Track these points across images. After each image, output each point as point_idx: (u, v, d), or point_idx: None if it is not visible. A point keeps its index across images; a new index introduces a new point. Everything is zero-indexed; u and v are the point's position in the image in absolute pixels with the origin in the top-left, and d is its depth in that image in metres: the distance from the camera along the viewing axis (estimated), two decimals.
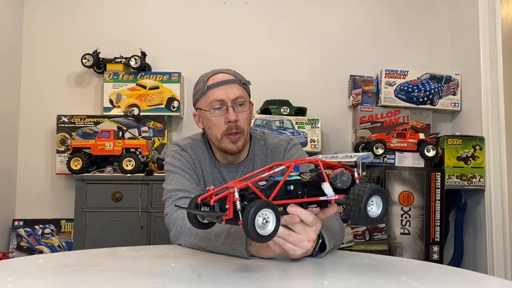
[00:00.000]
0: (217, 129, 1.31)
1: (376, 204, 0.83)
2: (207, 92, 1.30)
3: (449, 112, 2.84)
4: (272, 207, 0.76)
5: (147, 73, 2.76)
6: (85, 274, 0.85)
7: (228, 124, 1.29)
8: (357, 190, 0.82)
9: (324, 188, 0.85)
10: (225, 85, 1.29)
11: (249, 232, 0.73)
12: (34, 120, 2.83)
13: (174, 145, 1.41)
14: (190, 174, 1.34)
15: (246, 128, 1.33)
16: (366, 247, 2.39)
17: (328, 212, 0.91)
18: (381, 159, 2.57)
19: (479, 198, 2.56)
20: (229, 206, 0.77)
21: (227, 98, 1.28)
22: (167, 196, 1.30)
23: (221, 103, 1.28)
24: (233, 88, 1.29)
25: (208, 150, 1.41)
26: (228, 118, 1.28)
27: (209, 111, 1.30)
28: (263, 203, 0.75)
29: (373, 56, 2.91)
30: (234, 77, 1.31)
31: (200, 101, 1.33)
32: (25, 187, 2.81)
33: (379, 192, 0.83)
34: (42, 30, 2.89)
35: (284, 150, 1.40)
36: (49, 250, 2.68)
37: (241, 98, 1.30)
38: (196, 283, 0.80)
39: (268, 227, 0.76)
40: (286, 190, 0.85)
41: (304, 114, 2.70)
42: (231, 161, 1.39)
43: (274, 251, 0.96)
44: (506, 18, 2.49)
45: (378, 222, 0.84)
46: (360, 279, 0.85)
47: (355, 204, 0.81)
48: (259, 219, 0.75)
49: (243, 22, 2.94)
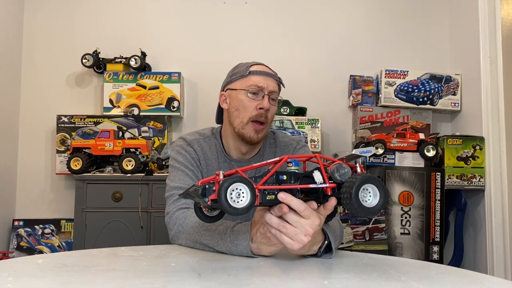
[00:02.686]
0: (246, 112, 1.32)
1: (373, 194, 0.84)
2: (248, 76, 1.33)
3: (449, 112, 2.84)
4: (246, 182, 0.79)
5: (147, 73, 2.76)
6: (85, 274, 0.85)
7: (259, 110, 1.31)
8: (350, 179, 0.83)
9: (315, 176, 0.87)
10: (267, 76, 1.34)
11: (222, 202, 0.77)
12: (34, 120, 2.83)
13: (181, 139, 1.41)
14: (194, 171, 1.34)
15: (270, 121, 1.36)
16: (366, 247, 2.39)
17: (328, 205, 0.90)
18: (381, 159, 2.57)
19: (479, 198, 2.56)
20: (216, 187, 0.80)
21: (266, 87, 1.32)
22: (169, 194, 1.30)
23: (259, 89, 1.32)
24: (272, 82, 1.34)
25: (218, 145, 1.40)
26: (261, 104, 1.31)
27: (246, 91, 1.31)
28: (236, 178, 0.79)
29: (373, 56, 2.91)
30: (274, 73, 1.37)
31: (237, 82, 1.35)
32: (25, 187, 2.81)
33: (372, 180, 0.83)
34: (42, 30, 2.89)
35: (293, 149, 1.41)
36: (49, 250, 2.68)
37: (276, 93, 1.35)
38: (196, 283, 0.80)
39: (243, 200, 0.79)
40: (278, 180, 0.86)
41: (304, 114, 2.70)
42: (243, 155, 1.39)
43: (274, 246, 0.97)
44: (506, 18, 2.49)
45: (377, 212, 0.84)
46: (360, 279, 0.85)
47: (346, 191, 0.82)
48: (232, 193, 0.78)
49: (243, 22, 2.94)
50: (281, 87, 1.41)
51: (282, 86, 1.41)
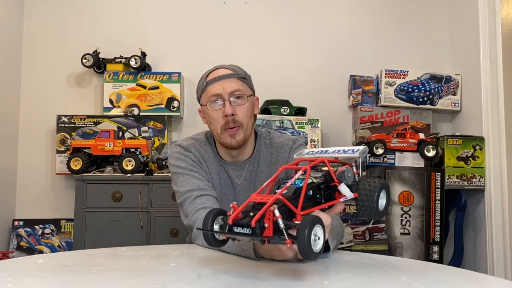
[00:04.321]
0: (216, 124, 1.32)
1: (381, 197, 0.86)
2: (206, 88, 1.31)
3: (449, 112, 2.84)
4: (321, 223, 0.74)
5: (147, 73, 2.76)
6: (85, 274, 0.85)
7: (226, 118, 1.29)
8: (368, 186, 0.84)
9: (342, 190, 0.85)
10: (222, 79, 1.30)
11: (306, 252, 0.70)
12: (34, 120, 2.83)
13: (176, 146, 1.40)
14: (199, 173, 1.34)
15: (245, 121, 1.32)
16: (366, 247, 2.39)
17: (336, 210, 0.91)
18: (381, 159, 2.57)
19: (479, 198, 2.56)
20: (269, 224, 0.74)
21: (224, 92, 1.29)
22: (183, 199, 1.28)
23: (218, 97, 1.29)
24: (231, 82, 1.30)
25: (212, 149, 1.40)
26: (224, 112, 1.28)
27: (208, 106, 1.31)
28: (315, 221, 0.72)
29: (373, 56, 2.91)
30: (232, 71, 1.32)
31: (202, 97, 1.34)
32: (25, 187, 2.81)
33: (386, 186, 0.87)
34: (42, 30, 2.89)
35: (290, 149, 1.39)
36: (49, 250, 2.68)
37: (238, 91, 1.30)
38: (196, 283, 0.80)
39: (319, 243, 0.74)
40: (307, 196, 0.83)
41: (304, 114, 2.70)
42: (236, 159, 1.38)
43: (287, 255, 0.94)
44: (506, 18, 2.49)
45: (384, 214, 0.87)
46: (360, 279, 0.85)
47: (368, 199, 0.83)
48: (312, 237, 0.72)
49: (243, 22, 2.94)
50: (247, 78, 1.35)
51: (247, 78, 1.35)
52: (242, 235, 0.75)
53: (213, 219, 0.79)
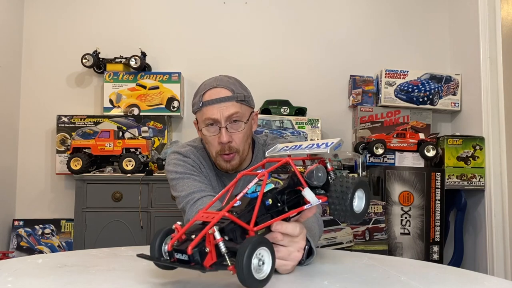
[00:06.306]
0: (211, 147, 1.27)
1: (359, 197, 0.75)
2: (202, 108, 1.24)
3: (449, 112, 2.84)
4: (267, 244, 0.65)
5: (147, 73, 2.76)
6: (85, 274, 0.85)
7: (221, 145, 1.24)
8: (339, 187, 0.73)
9: (306, 195, 0.75)
10: (219, 102, 1.22)
11: (246, 281, 0.61)
12: (34, 120, 2.83)
13: (174, 153, 1.35)
14: (199, 176, 1.30)
15: (241, 147, 1.27)
16: (366, 247, 2.39)
17: (305, 216, 0.85)
18: (381, 159, 2.57)
19: (479, 198, 2.56)
20: (211, 249, 0.64)
21: (221, 116, 1.22)
22: (184, 203, 1.24)
23: (214, 121, 1.23)
24: (228, 105, 1.22)
25: (209, 157, 1.36)
26: (220, 139, 1.23)
27: (202, 130, 1.26)
28: (255, 243, 0.62)
29: (373, 56, 2.91)
30: (231, 92, 1.24)
31: (197, 114, 1.29)
32: (25, 187, 2.81)
33: (362, 185, 0.75)
34: (42, 30, 2.89)
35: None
36: (49, 250, 2.68)
37: (236, 114, 1.23)
38: (196, 283, 0.80)
39: (264, 268, 0.65)
40: (265, 207, 0.74)
41: (304, 114, 2.70)
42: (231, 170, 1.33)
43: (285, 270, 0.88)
44: (506, 18, 2.49)
45: (362, 216, 0.76)
46: (360, 279, 0.85)
47: (340, 202, 0.72)
48: (254, 262, 0.63)
49: (243, 22, 2.94)
50: (246, 100, 1.26)
51: (246, 99, 1.27)
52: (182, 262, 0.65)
53: (160, 241, 0.69)
